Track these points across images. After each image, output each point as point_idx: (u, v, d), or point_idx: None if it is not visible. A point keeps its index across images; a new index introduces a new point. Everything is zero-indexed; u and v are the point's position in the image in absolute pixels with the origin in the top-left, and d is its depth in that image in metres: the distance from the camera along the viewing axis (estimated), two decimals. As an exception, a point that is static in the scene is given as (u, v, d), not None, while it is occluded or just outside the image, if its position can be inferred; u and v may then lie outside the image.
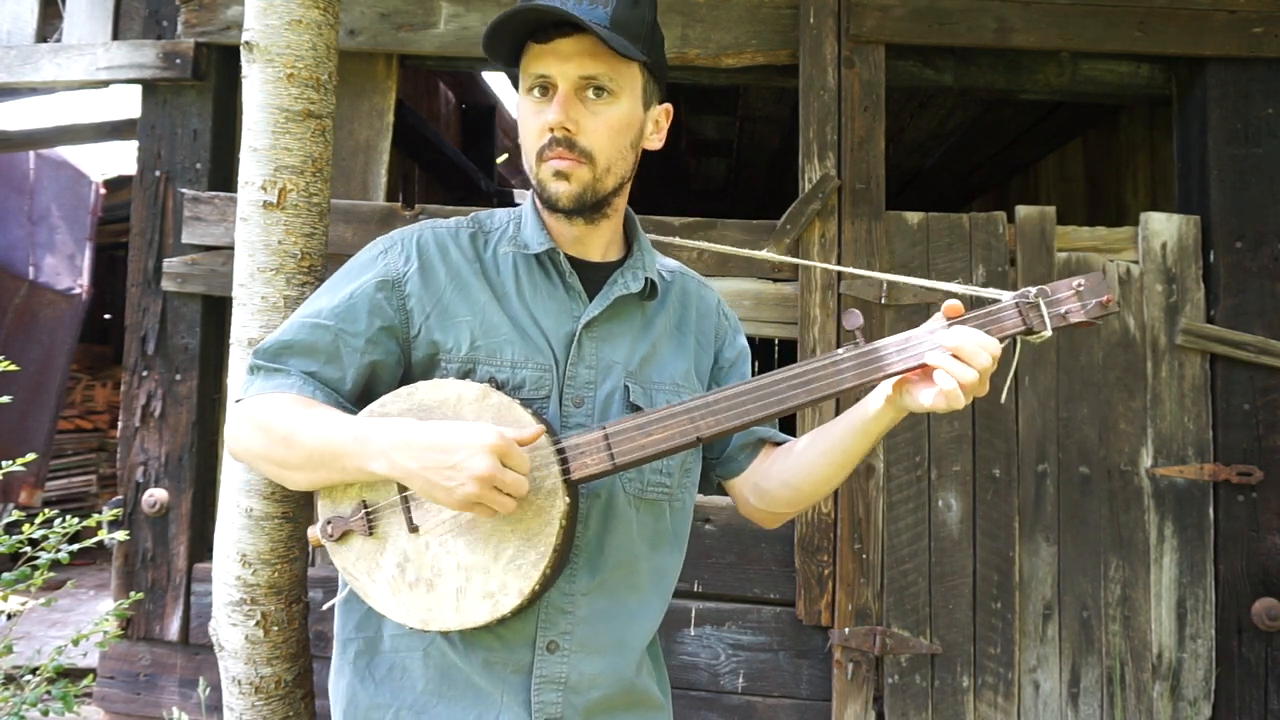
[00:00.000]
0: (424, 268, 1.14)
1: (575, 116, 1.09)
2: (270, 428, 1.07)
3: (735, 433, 1.08)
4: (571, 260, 1.19)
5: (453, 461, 0.96)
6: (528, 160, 1.14)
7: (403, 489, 1.05)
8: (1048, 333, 1.08)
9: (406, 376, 1.14)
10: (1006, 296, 1.10)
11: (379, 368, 1.13)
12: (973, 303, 1.13)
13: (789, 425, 1.79)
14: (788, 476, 1.24)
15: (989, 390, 1.03)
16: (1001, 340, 1.06)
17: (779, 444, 1.30)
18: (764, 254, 2.75)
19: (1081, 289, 1.09)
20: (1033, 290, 1.09)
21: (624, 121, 1.13)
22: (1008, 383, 1.37)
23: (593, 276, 1.19)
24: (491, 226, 1.22)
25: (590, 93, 1.10)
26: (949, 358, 1.01)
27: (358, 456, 1.02)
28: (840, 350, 1.08)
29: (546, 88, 1.11)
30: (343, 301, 1.12)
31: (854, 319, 1.08)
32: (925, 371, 1.04)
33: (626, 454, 1.04)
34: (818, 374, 1.06)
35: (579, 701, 1.13)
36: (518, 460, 0.98)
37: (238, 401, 1.14)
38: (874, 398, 1.11)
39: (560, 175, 1.11)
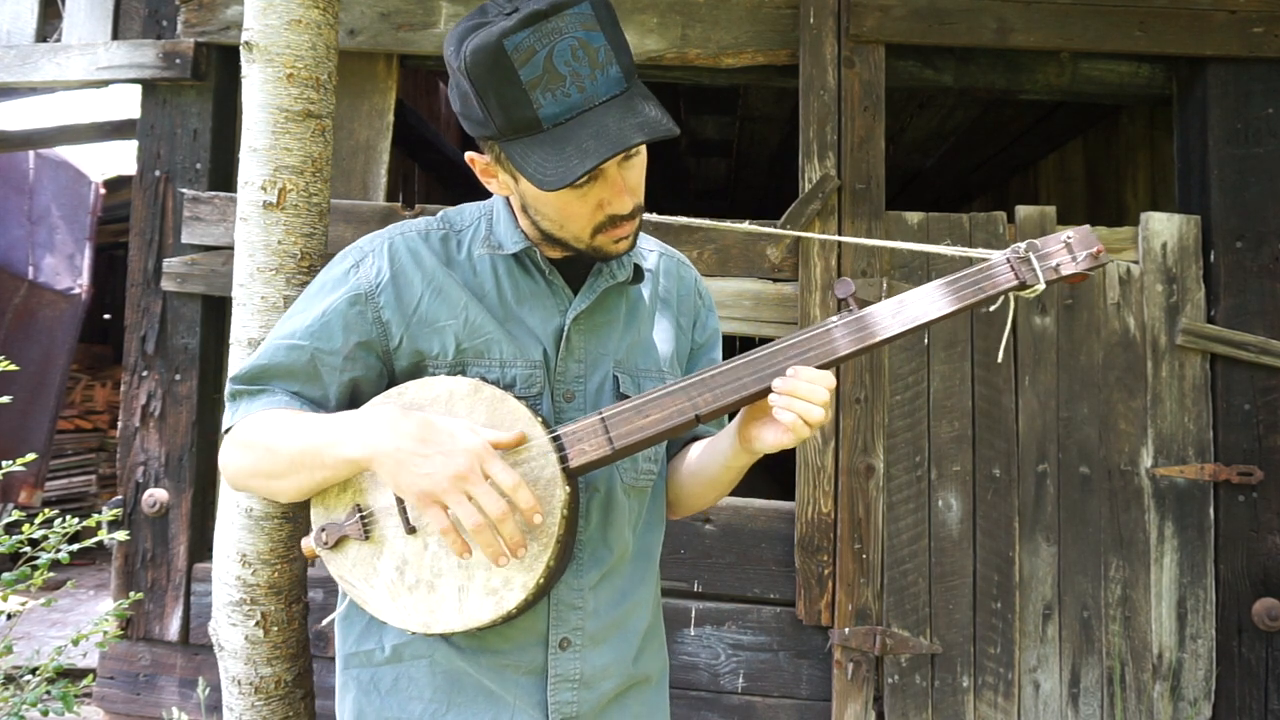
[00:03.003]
0: (397, 277, 1.10)
1: (631, 188, 1.05)
2: (253, 442, 1.06)
3: (733, 409, 1.06)
4: (553, 257, 1.15)
5: (428, 451, 0.94)
6: (572, 233, 1.07)
7: None
8: (1041, 286, 1.08)
9: (392, 387, 1.12)
10: (998, 254, 1.10)
11: (360, 383, 1.11)
12: (967, 263, 1.14)
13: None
14: (674, 479, 1.27)
15: (989, 380, 1.05)
16: (997, 296, 1.08)
17: None
18: (749, 225, 2.75)
19: (1071, 241, 1.09)
20: (1023, 245, 1.10)
21: (645, 152, 1.08)
22: (1003, 343, 1.37)
23: (574, 269, 1.16)
24: (462, 224, 1.18)
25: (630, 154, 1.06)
26: (790, 399, 1.00)
27: (334, 445, 0.99)
28: (834, 318, 1.07)
29: (595, 176, 1.03)
30: (316, 320, 1.09)
31: (845, 287, 1.08)
32: (763, 414, 1.06)
33: (625, 437, 1.02)
34: (813, 343, 1.05)
35: (592, 697, 1.13)
36: (499, 471, 0.94)
37: (226, 431, 1.12)
38: (727, 438, 1.13)
39: (623, 239, 1.08)
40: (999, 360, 2.67)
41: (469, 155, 1.11)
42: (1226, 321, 2.67)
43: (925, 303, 1.07)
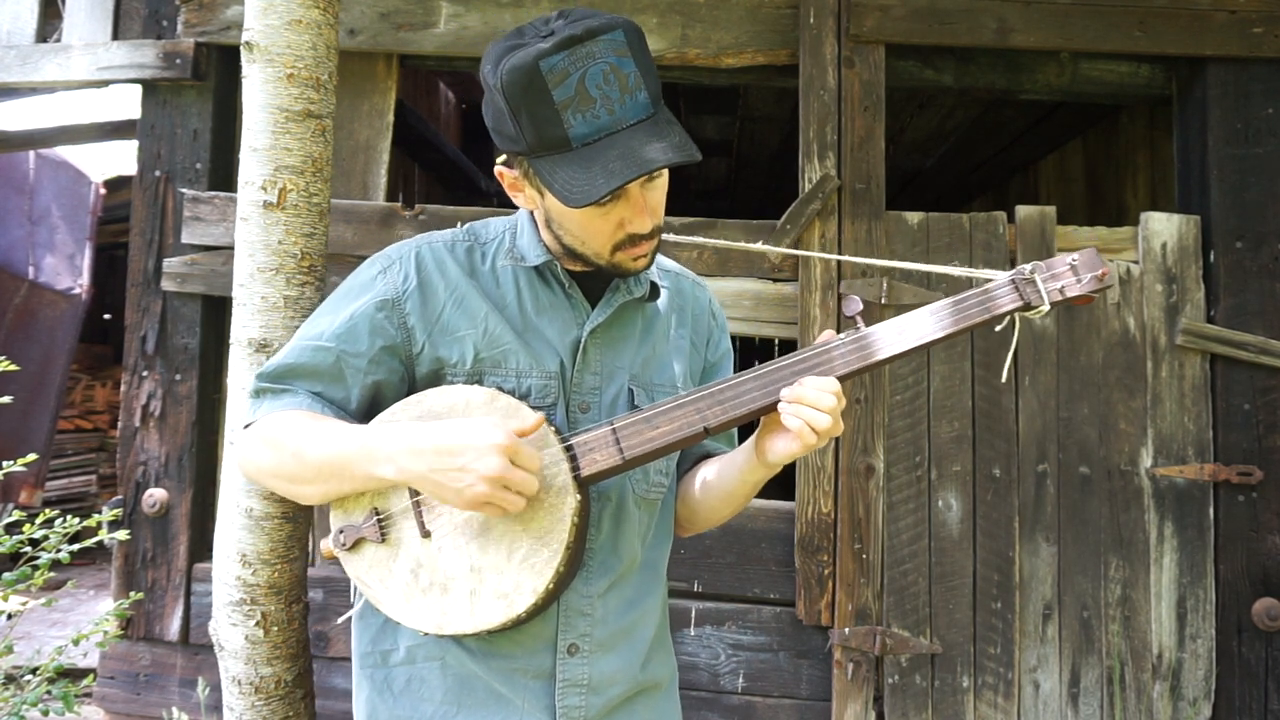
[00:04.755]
0: (423, 285, 1.14)
1: (652, 209, 1.08)
2: (280, 444, 1.08)
3: (741, 422, 1.09)
4: (572, 270, 1.18)
5: (460, 463, 0.96)
6: (593, 249, 1.10)
7: (414, 493, 1.05)
8: (1045, 307, 1.09)
9: (412, 392, 1.14)
10: (1002, 275, 1.11)
11: (383, 386, 1.14)
12: (970, 284, 1.14)
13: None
14: (687, 494, 1.28)
15: (992, 381, 1.05)
16: (1002, 317, 1.09)
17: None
18: (763, 246, 2.75)
19: (1076, 264, 1.11)
20: (1028, 267, 1.11)
21: (667, 174, 1.11)
22: (1007, 362, 1.38)
23: (593, 283, 1.19)
24: (488, 237, 1.21)
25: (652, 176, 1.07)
26: (796, 405, 1.02)
27: (365, 463, 1.02)
28: (841, 335, 1.09)
29: (618, 195, 1.05)
30: (343, 323, 1.12)
31: (853, 305, 1.10)
32: (777, 425, 1.07)
33: (635, 448, 1.04)
34: (819, 359, 1.07)
35: (599, 702, 1.15)
36: (526, 458, 0.98)
37: (247, 426, 1.14)
38: (744, 452, 1.15)
39: (641, 257, 1.11)
40: (1004, 380, 2.67)
41: (498, 169, 1.14)
42: (1226, 321, 2.67)
43: (930, 322, 1.09)
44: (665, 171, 1.09)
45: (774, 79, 2.99)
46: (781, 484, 2.75)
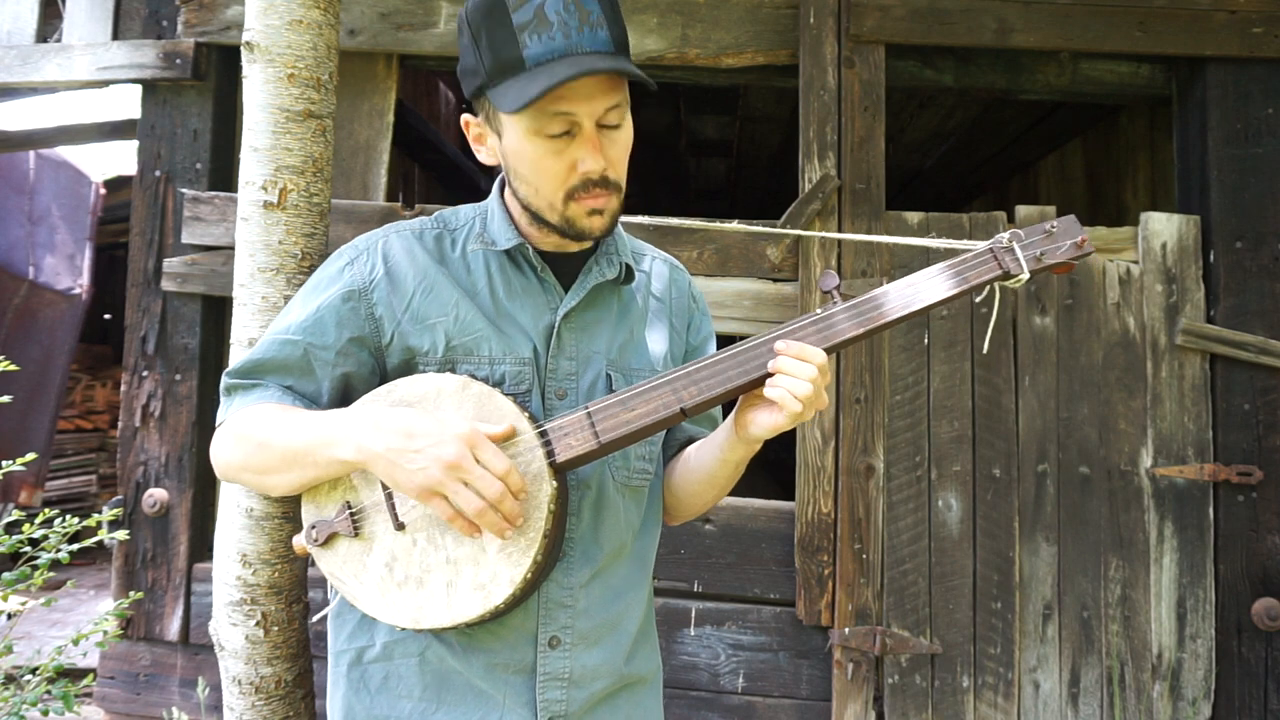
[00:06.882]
0: (390, 274, 1.13)
1: (610, 160, 1.06)
2: (246, 436, 1.07)
3: (719, 402, 1.07)
4: (544, 253, 1.17)
5: (418, 445, 0.95)
6: (545, 198, 1.08)
7: (386, 486, 1.04)
8: (1025, 275, 1.08)
9: (384, 383, 1.13)
10: (981, 245, 1.10)
11: (352, 378, 1.13)
12: (949, 255, 1.13)
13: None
14: (671, 481, 1.26)
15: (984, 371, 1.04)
16: (982, 286, 1.08)
17: None
18: (743, 226, 2.75)
19: (1054, 230, 1.09)
20: (1006, 235, 1.09)
21: (631, 137, 1.10)
22: (989, 333, 1.37)
23: (566, 267, 1.17)
24: (457, 224, 1.20)
25: (608, 118, 1.06)
26: (776, 375, 1.01)
27: (327, 447, 1.01)
28: (819, 310, 1.07)
29: (569, 128, 1.04)
30: (310, 315, 1.12)
31: (830, 280, 1.08)
32: (758, 399, 1.06)
33: (610, 431, 1.02)
34: (797, 334, 1.05)
35: (581, 696, 1.13)
36: (490, 457, 0.95)
37: (220, 425, 1.14)
38: (724, 430, 1.13)
39: (596, 212, 1.08)
40: (984, 352, 2.66)
41: (464, 119, 1.14)
42: (1226, 321, 2.67)
43: (908, 295, 1.08)
44: (627, 125, 1.08)
45: (774, 79, 2.99)
46: (782, 484, 2.75)
